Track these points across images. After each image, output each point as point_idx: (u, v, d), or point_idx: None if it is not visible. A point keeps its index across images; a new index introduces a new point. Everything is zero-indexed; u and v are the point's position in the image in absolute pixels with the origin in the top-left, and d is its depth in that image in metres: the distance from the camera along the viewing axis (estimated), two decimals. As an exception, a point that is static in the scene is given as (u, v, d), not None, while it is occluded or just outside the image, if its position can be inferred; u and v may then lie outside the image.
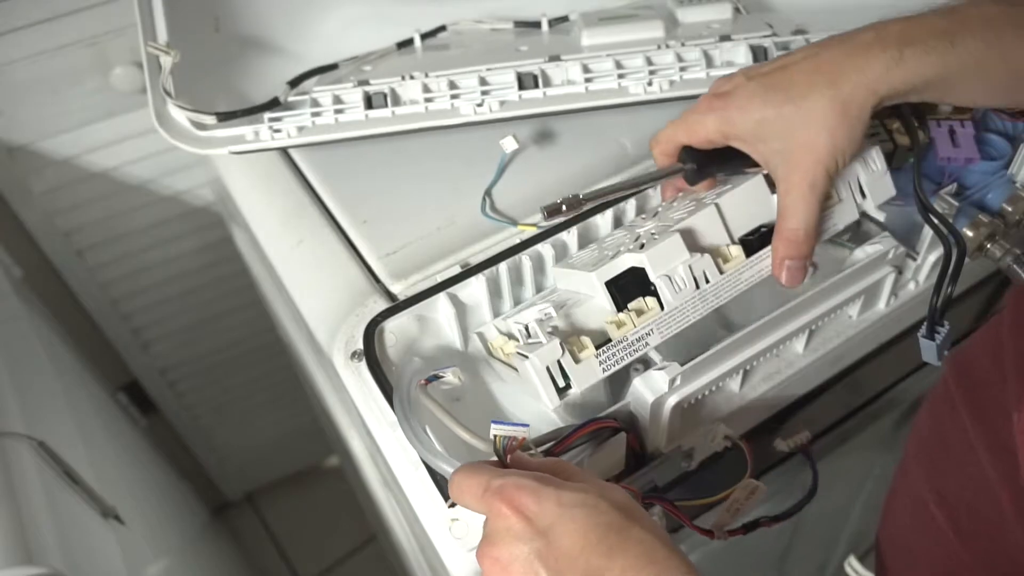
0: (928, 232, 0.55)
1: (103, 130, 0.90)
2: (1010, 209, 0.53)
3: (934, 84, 0.44)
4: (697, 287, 0.47)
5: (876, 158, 0.51)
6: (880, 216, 0.54)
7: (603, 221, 0.54)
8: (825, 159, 0.45)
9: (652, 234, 0.48)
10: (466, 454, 0.43)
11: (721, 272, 0.48)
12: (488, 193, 0.59)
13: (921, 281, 0.59)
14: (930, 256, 0.57)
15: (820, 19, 0.67)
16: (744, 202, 0.49)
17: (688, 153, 0.50)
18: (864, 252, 0.54)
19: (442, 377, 0.47)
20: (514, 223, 0.56)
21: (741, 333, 0.50)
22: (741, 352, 0.51)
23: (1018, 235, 0.53)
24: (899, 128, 0.55)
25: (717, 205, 0.48)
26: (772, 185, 0.49)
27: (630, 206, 0.56)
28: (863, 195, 0.52)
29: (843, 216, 0.51)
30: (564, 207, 0.48)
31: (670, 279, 0.46)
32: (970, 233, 0.52)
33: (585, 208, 0.50)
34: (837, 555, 0.94)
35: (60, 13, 0.80)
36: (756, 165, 0.49)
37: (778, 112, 0.45)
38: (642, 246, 0.47)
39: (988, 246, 0.52)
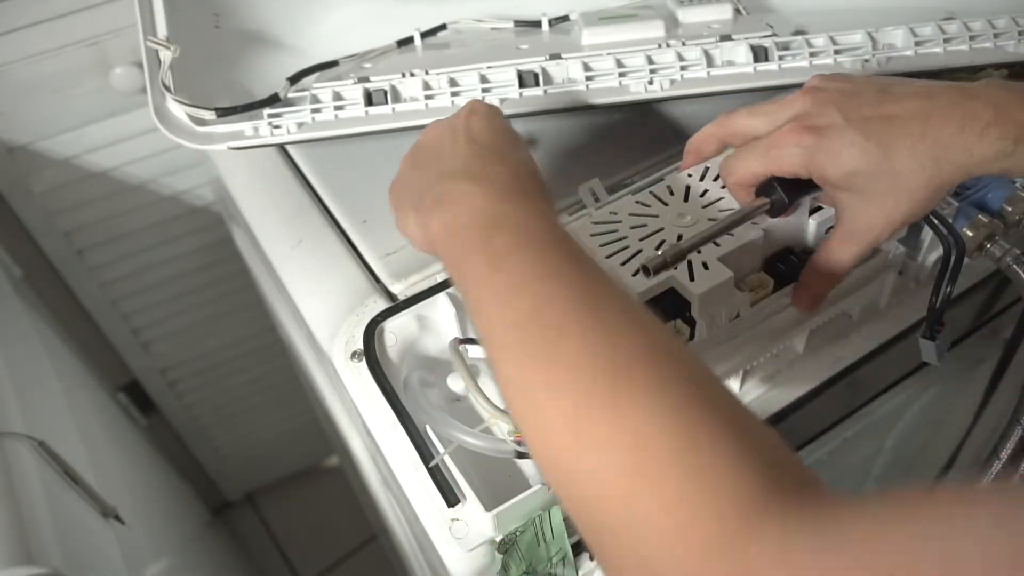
0: (928, 232, 0.55)
1: (103, 130, 0.90)
2: (1010, 209, 0.53)
3: None
4: (728, 322, 0.46)
5: None
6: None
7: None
8: (896, 224, 0.44)
9: (693, 238, 0.45)
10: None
11: (751, 305, 0.46)
12: None
13: (921, 281, 0.59)
14: (930, 256, 0.57)
15: (820, 19, 0.67)
16: (786, 226, 0.48)
17: (777, 186, 0.46)
18: (864, 252, 0.54)
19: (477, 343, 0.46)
20: None
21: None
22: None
23: (1018, 235, 0.53)
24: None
25: (766, 231, 0.46)
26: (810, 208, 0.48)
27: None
28: None
29: None
30: (671, 261, 0.44)
31: (711, 318, 0.45)
32: (970, 233, 0.52)
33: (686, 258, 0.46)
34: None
35: (60, 13, 0.80)
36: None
37: (871, 172, 0.43)
38: (690, 270, 0.44)
39: (988, 246, 0.52)
